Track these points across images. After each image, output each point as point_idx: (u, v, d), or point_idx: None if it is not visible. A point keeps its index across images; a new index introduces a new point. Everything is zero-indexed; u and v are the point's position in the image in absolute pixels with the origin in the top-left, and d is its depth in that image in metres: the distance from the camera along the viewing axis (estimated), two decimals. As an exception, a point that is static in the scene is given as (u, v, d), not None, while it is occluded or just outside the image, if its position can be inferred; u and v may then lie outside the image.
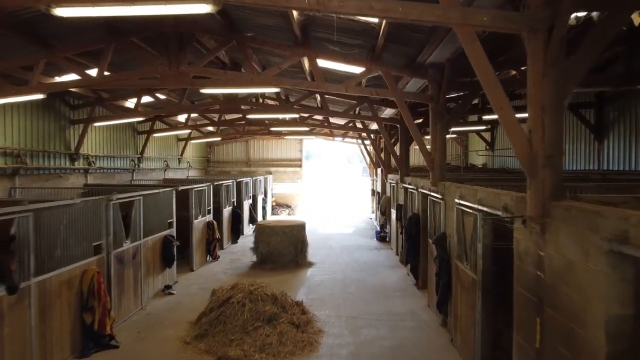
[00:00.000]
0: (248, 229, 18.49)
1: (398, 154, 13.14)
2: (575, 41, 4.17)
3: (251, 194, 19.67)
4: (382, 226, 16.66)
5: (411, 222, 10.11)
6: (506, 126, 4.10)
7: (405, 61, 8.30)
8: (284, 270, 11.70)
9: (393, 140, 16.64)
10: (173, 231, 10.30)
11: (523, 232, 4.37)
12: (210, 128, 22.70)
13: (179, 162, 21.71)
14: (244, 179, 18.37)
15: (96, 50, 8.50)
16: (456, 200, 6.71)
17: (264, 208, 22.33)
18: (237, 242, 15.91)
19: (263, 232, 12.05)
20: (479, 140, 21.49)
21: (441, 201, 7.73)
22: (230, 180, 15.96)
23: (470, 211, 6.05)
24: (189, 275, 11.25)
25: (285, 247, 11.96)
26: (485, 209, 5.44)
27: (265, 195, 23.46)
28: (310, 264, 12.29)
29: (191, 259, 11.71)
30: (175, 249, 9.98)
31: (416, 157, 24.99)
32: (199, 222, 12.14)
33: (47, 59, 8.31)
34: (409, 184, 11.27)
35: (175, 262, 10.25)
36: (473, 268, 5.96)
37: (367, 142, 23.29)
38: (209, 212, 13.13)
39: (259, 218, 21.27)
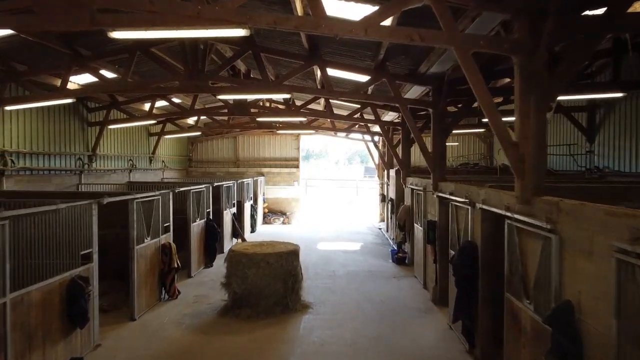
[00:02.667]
0: (230, 245, 14.79)
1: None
2: None
3: (235, 201, 16.00)
4: (400, 244, 12.97)
5: (464, 256, 6.43)
6: None
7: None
8: (267, 318, 8.01)
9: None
10: (91, 269, 6.62)
11: None
12: (191, 121, 19.12)
13: (151, 161, 18.02)
14: (225, 183, 14.68)
15: None
16: (616, 244, 3.04)
17: (252, 217, 18.63)
18: (211, 266, 12.22)
19: (238, 263, 8.34)
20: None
21: (549, 236, 4.07)
22: (204, 186, 12.26)
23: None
24: (125, 330, 7.55)
25: (270, 284, 8.27)
26: None
27: (255, 201, 19.77)
28: (305, 308, 8.59)
29: (132, 302, 8.02)
30: (87, 299, 6.28)
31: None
32: (145, 246, 8.46)
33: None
34: (452, 195, 7.58)
35: (91, 319, 6.55)
36: None
37: (377, 138, 19.63)
38: (165, 231, 9.45)
39: (247, 230, 17.59)
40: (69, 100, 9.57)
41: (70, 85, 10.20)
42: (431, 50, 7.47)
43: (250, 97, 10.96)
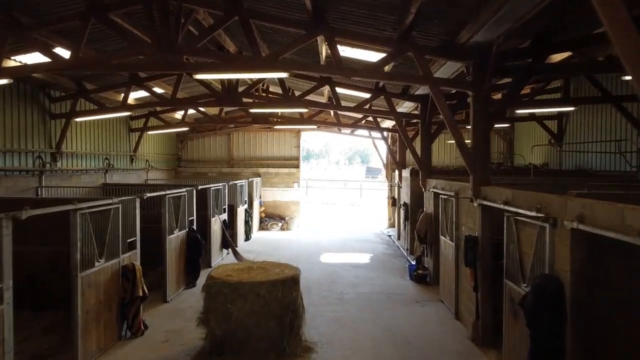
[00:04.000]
0: (219, 258, 12.78)
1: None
2: None
3: (226, 206, 13.96)
4: (419, 258, 10.92)
5: (543, 298, 4.36)
6: None
7: None
8: (256, 369, 5.99)
9: (431, 128, 11.07)
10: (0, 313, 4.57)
11: None
12: (178, 116, 17.05)
13: (132, 160, 15.96)
14: (213, 186, 12.64)
15: None
16: None
17: (247, 223, 16.59)
18: (194, 286, 10.14)
19: (218, 295, 6.27)
20: (535, 132, 15.82)
21: None
22: (184, 190, 10.20)
23: None
24: (61, 390, 5.52)
25: (261, 323, 6.22)
26: None
27: (251, 204, 17.73)
28: (307, 351, 6.52)
29: (75, 348, 5.97)
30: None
31: (441, 155, 19.36)
32: (98, 271, 6.40)
33: None
34: (507, 204, 5.52)
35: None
36: None
37: (386, 134, 17.56)
38: (130, 248, 7.42)
39: (241, 238, 15.55)
40: (5, 81, 7.49)
41: (12, 65, 8.23)
42: (482, 8, 5.43)
43: (237, 76, 8.87)
